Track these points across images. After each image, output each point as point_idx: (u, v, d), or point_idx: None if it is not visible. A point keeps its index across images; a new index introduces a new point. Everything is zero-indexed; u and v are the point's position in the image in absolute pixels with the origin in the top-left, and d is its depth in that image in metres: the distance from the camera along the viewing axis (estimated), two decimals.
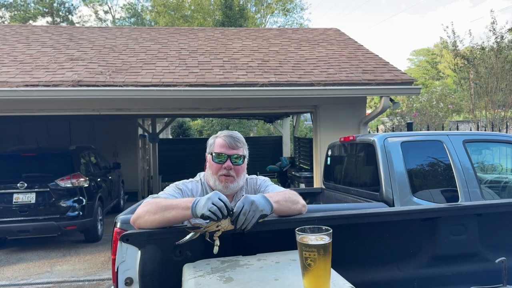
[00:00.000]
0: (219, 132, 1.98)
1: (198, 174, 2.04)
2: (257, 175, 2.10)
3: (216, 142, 1.91)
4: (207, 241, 1.54)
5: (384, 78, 6.47)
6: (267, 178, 2.06)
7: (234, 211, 1.45)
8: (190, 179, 1.99)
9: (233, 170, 1.85)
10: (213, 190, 1.90)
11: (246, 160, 1.94)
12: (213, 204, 1.43)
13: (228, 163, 1.85)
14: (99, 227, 6.98)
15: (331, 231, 1.19)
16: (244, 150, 1.93)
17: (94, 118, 9.84)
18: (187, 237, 1.43)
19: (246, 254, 1.51)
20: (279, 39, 8.67)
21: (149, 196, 1.93)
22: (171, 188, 1.89)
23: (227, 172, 1.84)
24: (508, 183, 4.34)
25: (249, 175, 2.06)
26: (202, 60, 7.16)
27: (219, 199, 1.46)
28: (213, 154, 1.88)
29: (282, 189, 1.93)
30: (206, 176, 1.95)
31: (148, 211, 1.59)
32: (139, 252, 1.48)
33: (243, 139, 1.96)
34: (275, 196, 1.66)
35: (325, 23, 61.65)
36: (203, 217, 1.44)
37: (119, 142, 11.25)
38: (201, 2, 24.00)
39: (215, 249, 1.44)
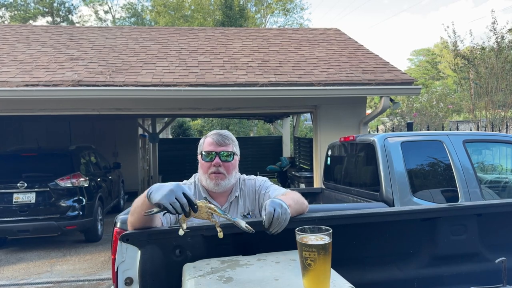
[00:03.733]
0: (209, 132, 1.99)
1: (193, 175, 2.04)
2: (257, 175, 2.09)
3: (205, 141, 1.92)
4: (207, 241, 1.54)
5: (384, 78, 6.47)
6: (265, 178, 2.04)
7: (266, 216, 1.44)
8: (185, 181, 1.99)
9: (223, 167, 1.85)
10: (206, 189, 1.92)
11: (237, 158, 1.93)
12: (176, 199, 1.38)
13: (217, 160, 1.85)
14: (99, 227, 6.98)
15: (331, 231, 1.19)
16: (234, 148, 1.92)
17: (94, 118, 9.84)
18: (155, 210, 1.42)
19: (246, 254, 1.51)
20: (279, 39, 8.67)
21: None
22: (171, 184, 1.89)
23: (217, 169, 1.84)
24: (508, 183, 4.34)
25: (248, 175, 2.05)
26: (202, 60, 7.16)
27: (183, 194, 1.40)
28: (203, 153, 1.89)
29: (283, 189, 1.92)
30: (199, 176, 1.95)
31: (130, 212, 1.61)
32: (139, 252, 1.48)
33: (233, 137, 1.95)
34: (286, 199, 1.63)
35: (325, 23, 61.68)
36: (158, 205, 1.40)
37: (119, 142, 11.25)
38: (201, 2, 24.00)
39: (181, 232, 1.41)
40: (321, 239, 1.16)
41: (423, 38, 71.57)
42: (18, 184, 6.16)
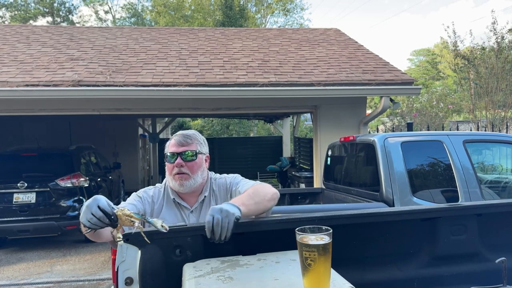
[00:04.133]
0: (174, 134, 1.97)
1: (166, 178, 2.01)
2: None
3: (169, 143, 1.90)
4: (207, 241, 1.54)
5: (384, 78, 6.47)
6: (236, 175, 2.00)
7: (206, 226, 1.40)
8: (157, 185, 1.98)
9: (186, 167, 1.83)
10: (174, 191, 1.89)
11: (201, 156, 1.89)
12: (92, 214, 1.37)
13: (179, 160, 1.82)
14: None
15: (331, 231, 1.19)
16: (198, 146, 1.88)
17: (94, 118, 9.84)
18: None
19: (246, 254, 1.51)
20: (279, 39, 8.67)
21: None
22: (132, 196, 1.89)
23: (179, 169, 1.82)
24: (508, 183, 4.34)
25: (244, 175, 2.02)
26: (202, 60, 7.16)
27: (98, 207, 1.38)
28: (167, 155, 1.87)
29: (252, 182, 1.87)
30: (167, 177, 1.93)
31: None
32: (139, 252, 1.48)
33: (198, 136, 1.92)
34: (239, 199, 1.59)
35: (326, 23, 61.71)
36: (85, 226, 1.40)
37: (119, 142, 11.26)
38: (201, 2, 24.00)
39: (120, 243, 1.42)
40: (321, 239, 1.16)
41: (423, 38, 71.63)
42: (18, 184, 6.16)
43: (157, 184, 1.99)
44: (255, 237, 1.59)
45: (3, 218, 6.11)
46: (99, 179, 7.53)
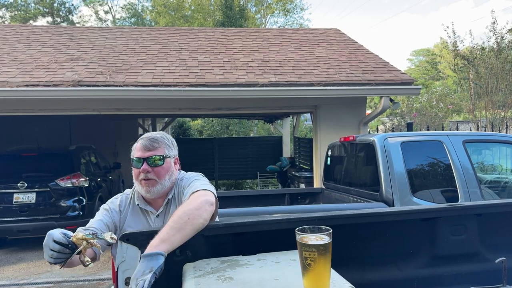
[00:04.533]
0: (141, 136, 1.89)
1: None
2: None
3: (135, 147, 1.83)
4: (207, 241, 1.54)
5: (384, 78, 6.48)
6: (194, 174, 1.89)
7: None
8: (126, 191, 1.93)
9: (153, 173, 1.76)
10: (141, 196, 1.83)
11: (169, 160, 1.82)
12: (52, 251, 1.39)
13: (145, 166, 1.75)
14: None
15: (331, 231, 1.19)
16: (166, 150, 1.82)
17: (94, 118, 9.83)
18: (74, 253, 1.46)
19: (246, 254, 1.51)
20: (279, 39, 8.68)
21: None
22: (100, 210, 1.85)
23: (145, 175, 1.76)
24: (508, 183, 4.34)
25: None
26: (202, 60, 7.16)
27: (54, 241, 1.39)
28: (133, 159, 1.80)
29: (205, 186, 1.69)
30: (134, 182, 1.86)
31: None
32: (139, 252, 1.48)
33: (165, 139, 1.85)
34: (162, 234, 1.39)
35: (325, 23, 61.71)
36: (51, 263, 1.43)
37: (119, 142, 11.25)
38: (201, 2, 24.00)
39: (90, 265, 1.49)
40: (321, 239, 1.16)
41: (423, 38, 71.64)
42: (19, 184, 6.17)
43: (126, 190, 1.95)
44: (255, 237, 1.59)
45: (3, 218, 6.11)
46: (99, 179, 7.53)
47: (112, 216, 1.82)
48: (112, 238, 1.47)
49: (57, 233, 1.42)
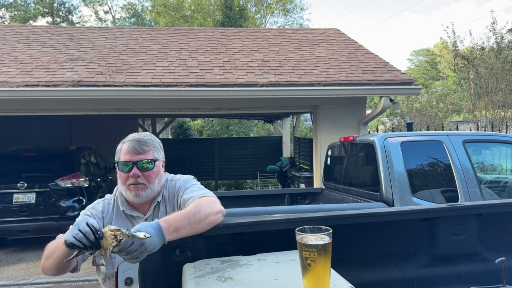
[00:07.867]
0: (128, 136, 1.80)
1: (116, 187, 1.83)
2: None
3: (122, 149, 1.74)
4: (207, 241, 1.54)
5: (384, 78, 6.48)
6: (189, 178, 1.86)
7: (120, 244, 1.29)
8: (106, 197, 1.84)
9: (143, 177, 1.68)
10: (125, 201, 1.77)
11: (159, 163, 1.76)
12: (79, 230, 1.29)
13: (135, 170, 1.67)
14: None
15: (331, 231, 1.19)
16: (155, 153, 1.74)
17: (94, 118, 9.85)
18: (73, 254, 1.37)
19: (246, 254, 1.51)
20: (279, 39, 8.68)
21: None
22: (79, 218, 1.75)
23: (135, 180, 1.67)
24: (508, 183, 4.34)
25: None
26: (202, 60, 7.16)
27: (87, 224, 1.30)
28: (120, 163, 1.71)
29: (199, 193, 1.68)
30: (119, 187, 1.77)
31: (44, 256, 1.54)
32: None
33: (153, 141, 1.77)
34: (177, 222, 1.43)
35: (325, 23, 61.72)
36: (66, 244, 1.30)
37: (119, 142, 11.24)
38: (201, 2, 24.00)
39: (103, 269, 1.36)
40: (321, 239, 1.16)
41: (423, 38, 71.65)
42: (18, 184, 6.17)
43: (106, 196, 1.86)
44: (255, 237, 1.59)
45: (3, 218, 6.11)
46: (99, 179, 7.53)
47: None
48: (146, 236, 1.34)
49: (92, 220, 1.35)
